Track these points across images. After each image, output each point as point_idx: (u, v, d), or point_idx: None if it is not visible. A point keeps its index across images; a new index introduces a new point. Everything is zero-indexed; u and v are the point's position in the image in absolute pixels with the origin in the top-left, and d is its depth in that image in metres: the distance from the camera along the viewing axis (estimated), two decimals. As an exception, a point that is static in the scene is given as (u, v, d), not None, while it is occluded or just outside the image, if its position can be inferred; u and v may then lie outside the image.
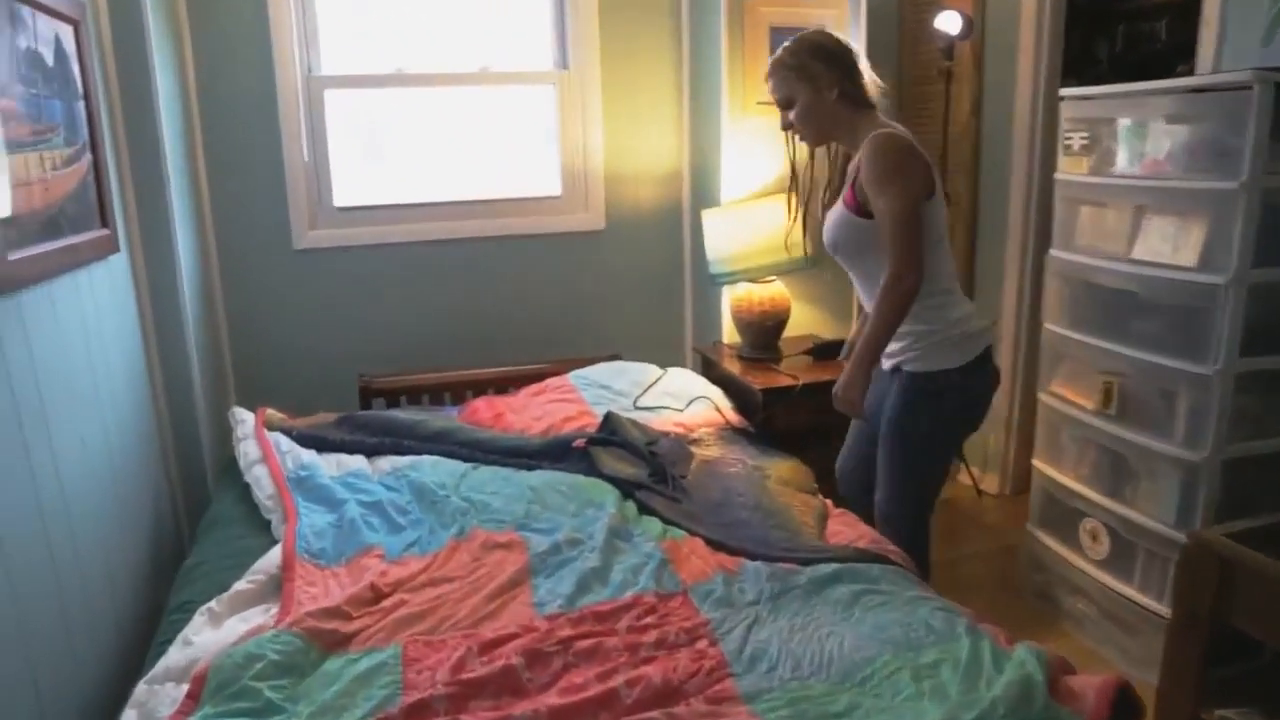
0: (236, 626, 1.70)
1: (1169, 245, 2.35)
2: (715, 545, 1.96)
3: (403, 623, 1.71)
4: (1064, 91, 2.70)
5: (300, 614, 1.67)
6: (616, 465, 2.31)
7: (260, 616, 1.74)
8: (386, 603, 1.78)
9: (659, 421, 2.68)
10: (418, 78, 3.27)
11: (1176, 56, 3.05)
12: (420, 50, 3.27)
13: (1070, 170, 2.67)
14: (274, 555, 1.95)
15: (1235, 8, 2.53)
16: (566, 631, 1.63)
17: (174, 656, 1.60)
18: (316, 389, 3.10)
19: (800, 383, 2.86)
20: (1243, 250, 2.16)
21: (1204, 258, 2.24)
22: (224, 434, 2.98)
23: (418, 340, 3.29)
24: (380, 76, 3.24)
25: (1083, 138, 2.63)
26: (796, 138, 2.27)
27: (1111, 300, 2.51)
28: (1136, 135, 2.48)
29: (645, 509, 2.13)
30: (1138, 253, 2.42)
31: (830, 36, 2.13)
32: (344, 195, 3.23)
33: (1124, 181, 2.49)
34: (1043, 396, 2.77)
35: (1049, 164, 2.92)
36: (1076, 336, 2.61)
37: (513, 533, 2.02)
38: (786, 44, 2.15)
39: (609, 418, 2.53)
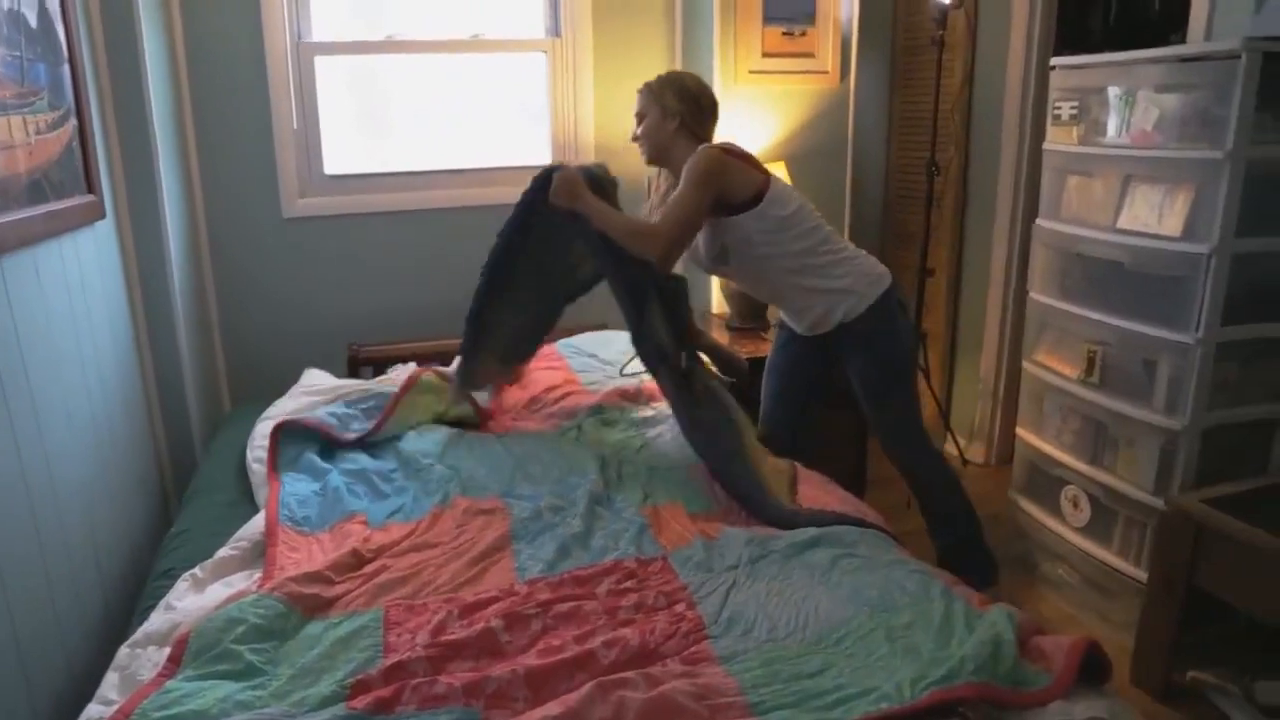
0: (219, 592, 1.71)
1: (1155, 215, 2.35)
2: (714, 475, 2.11)
3: (384, 587, 1.72)
4: (1055, 60, 2.70)
5: (282, 579, 1.69)
6: (659, 325, 2.31)
7: (243, 582, 1.76)
8: (369, 568, 1.79)
9: (647, 384, 2.69)
10: (409, 44, 3.25)
11: (1169, 26, 3.03)
12: (413, 17, 3.24)
13: (1059, 140, 2.67)
14: (258, 522, 1.96)
15: (1227, -24, 2.51)
16: (546, 595, 1.64)
17: (156, 621, 1.61)
18: (305, 357, 3.10)
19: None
20: (1226, 220, 2.17)
21: (1188, 227, 2.25)
22: (211, 403, 3.00)
23: (407, 309, 3.30)
24: (371, 43, 3.22)
25: (1072, 108, 2.63)
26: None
27: (1097, 270, 2.52)
28: (1125, 104, 2.48)
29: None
30: (1124, 222, 2.43)
31: (696, 81, 2.42)
32: (335, 163, 3.22)
33: (1112, 151, 2.49)
34: (1027, 365, 2.78)
35: (1039, 134, 2.92)
36: (1062, 306, 2.62)
37: (496, 499, 2.04)
38: (660, 74, 2.44)
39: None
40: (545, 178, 2.31)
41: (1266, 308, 2.29)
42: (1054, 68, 2.68)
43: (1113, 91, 2.49)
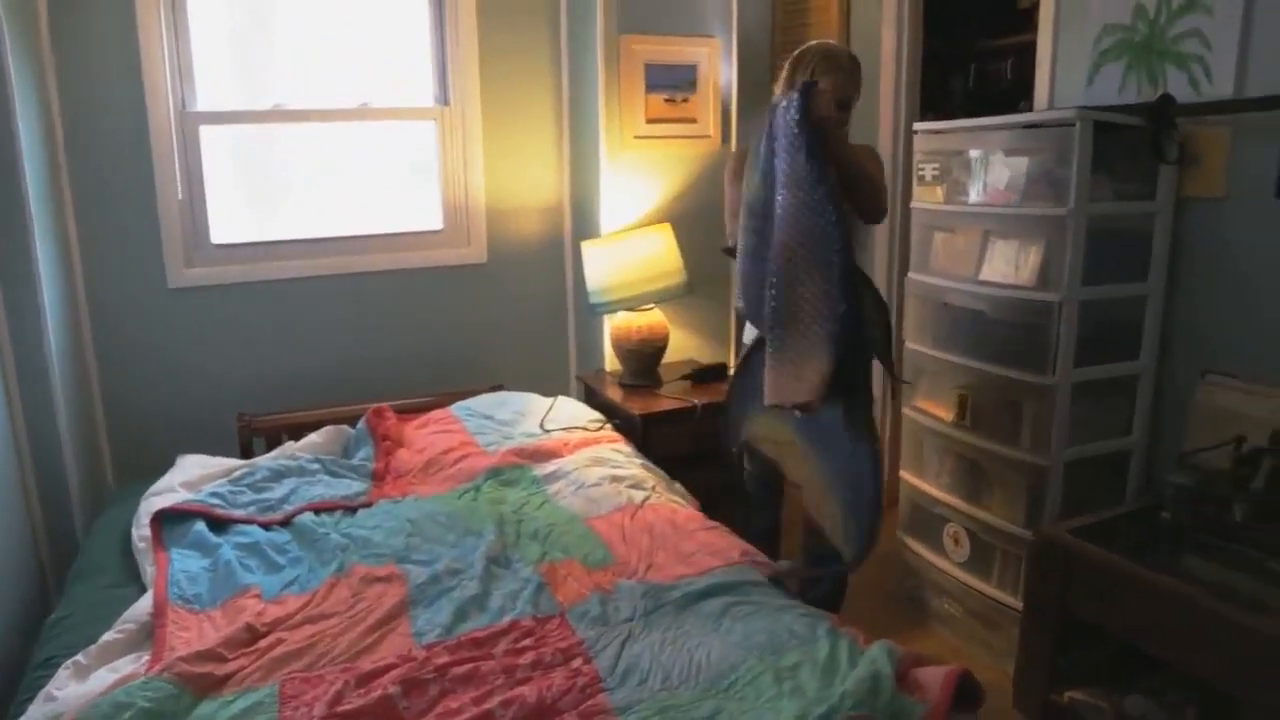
0: (105, 677, 1.66)
1: (1011, 267, 2.53)
2: None
3: (280, 661, 1.71)
4: (917, 125, 2.89)
5: (172, 659, 1.65)
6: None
7: (131, 665, 1.71)
8: (263, 642, 1.77)
9: (575, 439, 2.75)
10: (296, 114, 3.26)
11: (1020, 94, 3.28)
12: (301, 85, 3.26)
13: (924, 199, 2.85)
14: (145, 602, 1.91)
15: (1064, 50, 2.76)
16: (444, 659, 1.66)
17: (35, 713, 1.55)
18: (194, 430, 3.04)
19: (699, 404, 2.97)
20: (1073, 270, 2.35)
21: (1041, 278, 2.43)
22: (94, 480, 2.91)
23: (300, 378, 3.27)
24: (258, 113, 3.22)
25: (934, 169, 2.81)
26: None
27: (963, 319, 2.69)
28: (982, 166, 2.68)
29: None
30: (985, 274, 2.61)
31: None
32: (223, 232, 3.19)
33: (971, 209, 2.68)
34: (906, 411, 2.93)
35: (909, 194, 3.11)
36: (934, 354, 2.78)
37: (392, 566, 2.04)
38: (837, 46, 2.44)
39: None
40: (805, 93, 2.08)
41: (1112, 349, 2.49)
42: (916, 132, 2.88)
43: (971, 154, 2.69)
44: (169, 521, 2.25)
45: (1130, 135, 2.40)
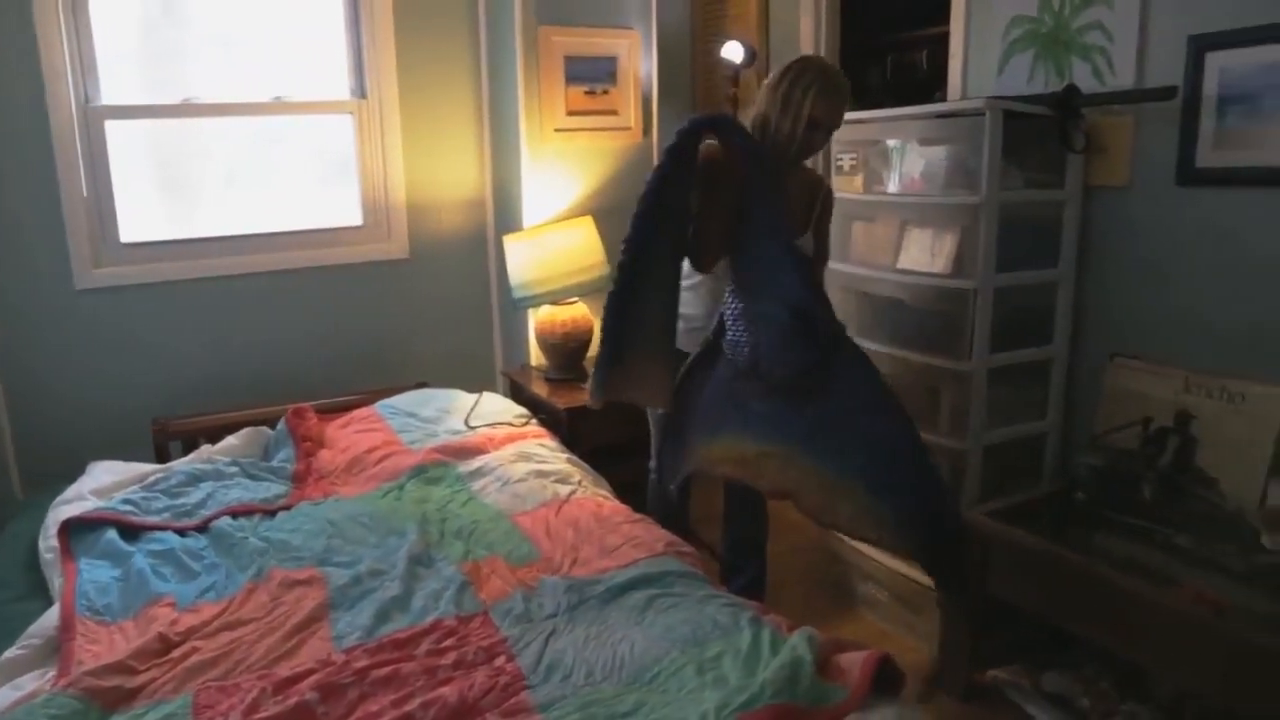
0: (7, 695, 1.60)
1: (928, 255, 2.58)
2: None
3: (194, 671, 1.66)
4: (835, 116, 2.91)
5: (79, 673, 1.60)
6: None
7: (35, 682, 1.65)
8: (177, 652, 1.72)
9: (500, 435, 2.72)
10: (207, 108, 3.17)
11: (936, 85, 3.34)
12: (214, 80, 3.17)
13: (843, 189, 2.88)
14: (52, 616, 1.85)
15: (976, 41, 2.81)
16: (364, 662, 1.63)
17: (-70, 736, 1.50)
18: (107, 436, 2.94)
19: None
20: (986, 258, 2.40)
21: (956, 265, 2.48)
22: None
23: (218, 380, 3.18)
24: (167, 106, 3.12)
25: (852, 159, 2.85)
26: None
27: (883, 307, 2.73)
28: (898, 156, 2.72)
29: None
30: (903, 263, 2.65)
31: None
32: (135, 231, 3.09)
33: (889, 198, 2.72)
34: (831, 399, 2.96)
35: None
36: (856, 342, 2.81)
37: (312, 569, 2.00)
38: (835, 66, 2.26)
39: None
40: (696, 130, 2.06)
41: (1026, 334, 2.55)
42: (835, 123, 2.90)
43: (888, 144, 2.73)
44: (78, 531, 2.17)
45: (1040, 125, 2.45)
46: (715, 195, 2.11)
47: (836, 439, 2.11)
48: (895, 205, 2.70)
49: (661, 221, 2.07)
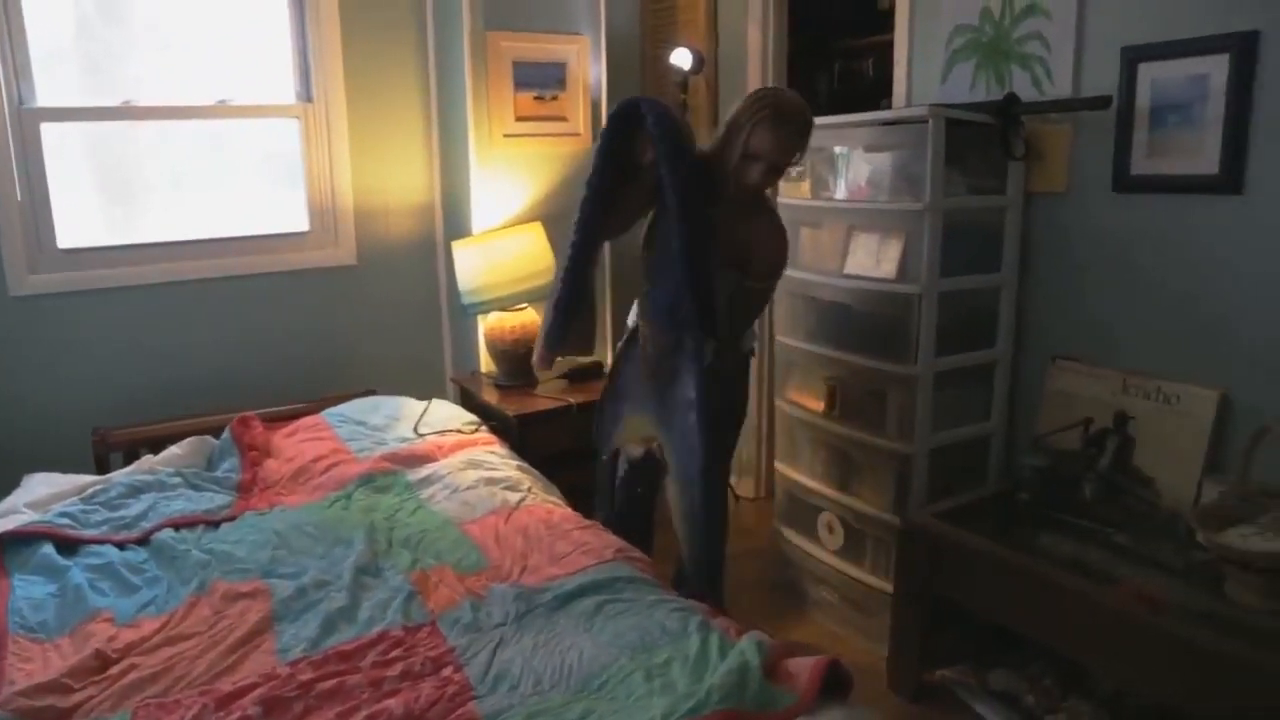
0: (-66, 718, 1.55)
1: (873, 261, 2.61)
2: None
3: (133, 688, 1.62)
4: (779, 122, 2.94)
5: (9, 694, 1.55)
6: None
7: (-37, 704, 1.60)
8: (114, 669, 1.68)
9: (450, 442, 2.70)
10: (148, 110, 3.10)
11: (883, 92, 3.38)
12: (156, 82, 3.10)
13: (791, 195, 2.91)
14: (-18, 635, 1.79)
15: (920, 49, 2.86)
16: (308, 675, 1.60)
17: None
18: (44, 448, 2.86)
19: (575, 402, 2.96)
20: (931, 263, 2.44)
21: (901, 271, 2.52)
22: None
23: (161, 389, 3.11)
24: (105, 109, 3.05)
25: (799, 166, 2.87)
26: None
27: (830, 312, 2.76)
28: (844, 163, 2.75)
29: None
30: (849, 268, 2.68)
31: None
32: (73, 236, 3.01)
33: (835, 205, 2.75)
34: (779, 403, 2.99)
35: (777, 189, 3.16)
36: (803, 346, 2.85)
37: (257, 581, 1.96)
38: (797, 99, 2.25)
39: None
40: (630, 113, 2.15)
41: (971, 338, 2.60)
42: (780, 129, 2.93)
43: (835, 151, 2.76)
44: (13, 546, 2.11)
45: (982, 132, 2.50)
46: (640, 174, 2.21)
47: (676, 429, 2.26)
48: (842, 211, 2.73)
49: (604, 204, 2.24)
